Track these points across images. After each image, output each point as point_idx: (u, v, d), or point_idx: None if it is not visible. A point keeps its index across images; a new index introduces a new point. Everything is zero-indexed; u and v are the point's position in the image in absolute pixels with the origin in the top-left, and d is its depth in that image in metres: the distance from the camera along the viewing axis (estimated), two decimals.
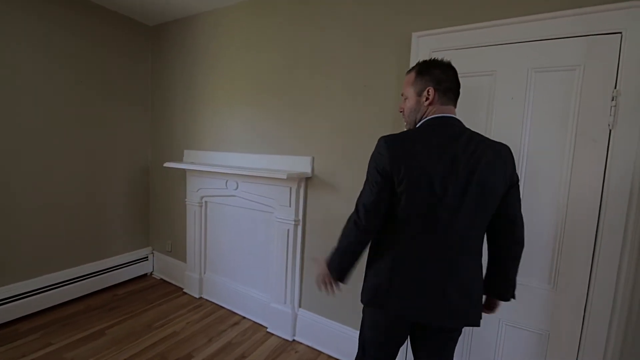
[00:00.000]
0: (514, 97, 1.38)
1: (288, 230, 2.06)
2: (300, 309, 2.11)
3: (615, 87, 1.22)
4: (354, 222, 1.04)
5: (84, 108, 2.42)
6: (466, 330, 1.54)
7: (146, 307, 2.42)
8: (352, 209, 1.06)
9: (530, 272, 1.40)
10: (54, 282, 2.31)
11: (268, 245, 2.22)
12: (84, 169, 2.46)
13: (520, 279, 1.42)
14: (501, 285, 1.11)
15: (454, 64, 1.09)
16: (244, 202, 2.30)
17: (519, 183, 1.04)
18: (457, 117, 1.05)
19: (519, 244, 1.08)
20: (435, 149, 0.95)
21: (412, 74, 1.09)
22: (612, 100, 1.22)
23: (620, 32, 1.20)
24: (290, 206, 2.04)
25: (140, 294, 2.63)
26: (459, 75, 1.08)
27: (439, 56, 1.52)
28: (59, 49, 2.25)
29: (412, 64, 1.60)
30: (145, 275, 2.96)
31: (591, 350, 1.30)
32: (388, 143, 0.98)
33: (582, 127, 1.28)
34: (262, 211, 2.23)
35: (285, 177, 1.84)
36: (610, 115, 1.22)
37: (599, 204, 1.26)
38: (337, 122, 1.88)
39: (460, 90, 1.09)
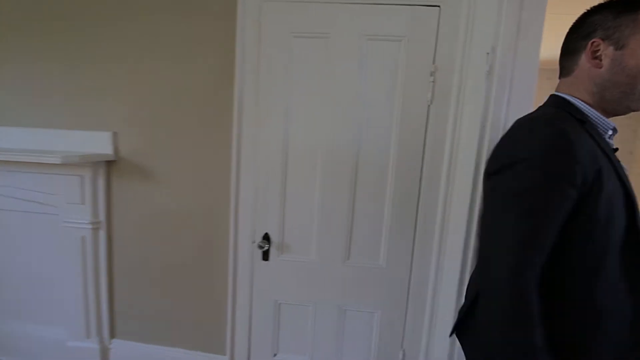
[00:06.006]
0: (349, 65, 1.23)
1: (83, 237, 1.45)
2: (114, 340, 1.56)
3: (433, 63, 1.21)
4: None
5: None
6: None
7: None
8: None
9: (377, 254, 1.35)
10: None
11: (55, 261, 1.53)
12: None
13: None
14: None
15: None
16: (10, 202, 1.51)
17: None
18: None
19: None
20: None
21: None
22: (431, 75, 1.21)
23: (439, 6, 1.18)
24: (84, 203, 1.43)
25: None
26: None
27: (270, 7, 1.25)
28: None
29: (239, 17, 1.25)
30: None
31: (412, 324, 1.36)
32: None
33: (406, 102, 1.23)
34: (42, 213, 1.50)
35: (59, 162, 1.22)
36: (429, 91, 1.21)
37: (419, 185, 1.27)
38: (150, 86, 1.36)
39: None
